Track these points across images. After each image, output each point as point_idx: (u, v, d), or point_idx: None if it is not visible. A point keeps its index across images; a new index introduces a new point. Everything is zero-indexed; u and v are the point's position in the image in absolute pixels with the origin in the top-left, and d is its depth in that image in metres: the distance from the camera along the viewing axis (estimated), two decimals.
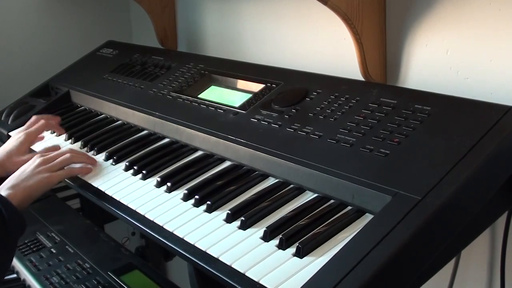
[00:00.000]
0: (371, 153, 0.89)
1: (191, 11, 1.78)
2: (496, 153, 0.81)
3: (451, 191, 0.76)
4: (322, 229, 0.82)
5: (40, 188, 1.13)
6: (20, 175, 1.14)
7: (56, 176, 1.16)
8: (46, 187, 1.15)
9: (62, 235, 1.42)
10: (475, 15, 1.02)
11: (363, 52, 1.13)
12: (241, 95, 1.22)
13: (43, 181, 1.14)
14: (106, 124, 1.42)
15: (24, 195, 1.10)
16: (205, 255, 0.85)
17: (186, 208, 0.97)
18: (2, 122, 1.60)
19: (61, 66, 1.80)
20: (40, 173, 1.14)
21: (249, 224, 0.88)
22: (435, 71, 1.11)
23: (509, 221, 1.00)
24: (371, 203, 0.83)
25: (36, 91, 1.72)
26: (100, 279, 1.21)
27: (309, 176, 0.93)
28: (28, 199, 1.11)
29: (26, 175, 1.14)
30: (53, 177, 1.15)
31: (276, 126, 1.06)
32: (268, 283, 0.75)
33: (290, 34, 1.43)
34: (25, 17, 1.91)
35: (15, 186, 1.11)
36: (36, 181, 1.13)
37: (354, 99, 1.03)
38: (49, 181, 1.15)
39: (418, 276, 0.74)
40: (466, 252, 1.08)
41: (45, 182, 1.14)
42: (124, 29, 2.12)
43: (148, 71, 1.53)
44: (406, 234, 0.73)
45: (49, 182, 1.15)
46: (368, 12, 1.11)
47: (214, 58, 1.54)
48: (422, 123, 0.91)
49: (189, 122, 1.20)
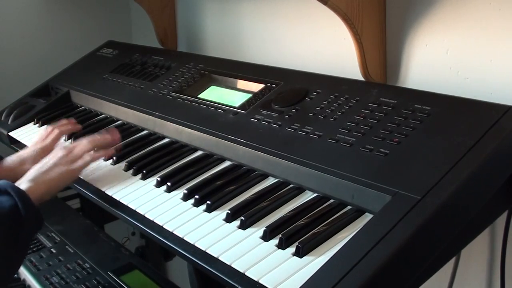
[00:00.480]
0: (371, 153, 0.89)
1: (191, 11, 1.78)
2: (496, 153, 0.81)
3: (451, 191, 0.76)
4: (321, 228, 0.82)
5: (62, 181, 1.11)
6: (41, 167, 1.11)
7: (78, 168, 1.13)
8: (69, 180, 1.13)
9: (62, 235, 1.42)
10: (475, 15, 1.02)
11: (363, 52, 1.13)
12: (241, 95, 1.22)
13: (64, 173, 1.11)
14: (106, 124, 1.42)
15: (45, 189, 1.07)
16: (205, 254, 0.85)
17: (186, 208, 0.97)
18: (2, 122, 1.60)
19: (61, 66, 1.80)
20: (62, 165, 1.12)
21: (249, 224, 0.88)
22: (435, 71, 1.11)
23: (509, 221, 1.00)
24: (370, 202, 0.83)
25: (36, 91, 1.72)
26: (100, 279, 1.21)
27: (308, 176, 0.93)
28: (49, 193, 1.08)
29: (47, 167, 1.11)
30: (75, 169, 1.13)
31: (276, 126, 1.06)
32: (267, 283, 0.75)
33: (290, 34, 1.43)
34: (25, 17, 1.91)
35: (36, 179, 1.08)
36: (58, 173, 1.10)
37: (354, 99, 1.03)
38: (71, 174, 1.12)
39: (417, 275, 0.74)
40: (466, 252, 1.08)
41: (67, 174, 1.12)
42: (124, 29, 2.12)
43: (148, 71, 1.53)
44: (405, 233, 0.73)
45: (71, 174, 1.13)
46: (368, 12, 1.11)
47: (214, 58, 1.54)
48: (422, 123, 0.91)
49: (189, 122, 1.20)
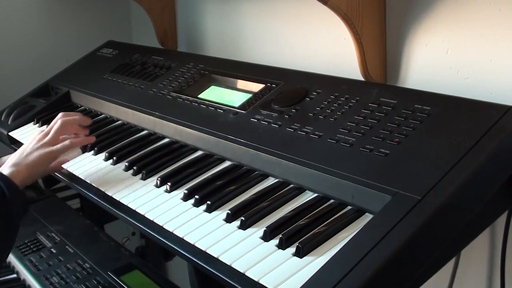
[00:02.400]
0: (371, 153, 0.89)
1: (191, 11, 1.78)
2: (496, 153, 0.81)
3: (451, 191, 0.76)
4: (322, 228, 0.82)
5: (43, 164, 1.14)
6: (21, 152, 1.14)
7: (57, 150, 1.16)
8: (48, 161, 1.15)
9: (62, 235, 1.42)
10: (475, 15, 1.02)
11: (363, 52, 1.13)
12: (241, 95, 1.22)
13: (44, 155, 1.14)
14: (106, 124, 1.42)
15: (27, 172, 1.10)
16: (205, 255, 0.85)
17: (186, 208, 0.97)
18: (2, 122, 1.60)
19: (61, 66, 1.80)
20: (41, 148, 1.15)
21: (249, 224, 0.88)
22: (435, 71, 1.11)
23: (509, 221, 1.00)
24: (371, 203, 0.83)
25: (36, 91, 1.72)
26: (100, 279, 1.21)
27: (309, 176, 0.93)
28: (32, 176, 1.11)
29: (27, 152, 1.14)
30: (54, 151, 1.16)
31: (276, 126, 1.06)
32: (268, 283, 0.75)
33: (290, 34, 1.43)
34: (25, 17, 1.91)
35: (17, 164, 1.11)
36: (37, 156, 1.13)
37: (354, 99, 1.03)
38: (50, 155, 1.15)
39: (417, 275, 0.74)
40: (466, 252, 1.08)
41: (47, 156, 1.14)
42: (124, 29, 2.12)
43: (148, 71, 1.53)
44: (406, 234, 0.73)
45: (51, 156, 1.15)
46: (368, 12, 1.11)
47: (214, 58, 1.53)
48: (422, 123, 0.91)
49: (189, 122, 1.20)
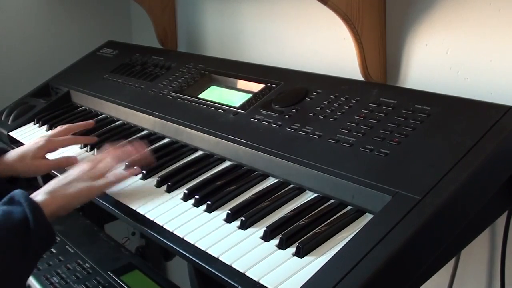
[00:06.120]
0: (371, 153, 0.89)
1: (191, 11, 1.78)
2: (496, 153, 0.81)
3: (451, 191, 0.76)
4: (322, 229, 0.82)
5: (80, 198, 1.02)
6: (62, 179, 1.03)
7: (99, 186, 1.04)
8: (87, 197, 1.03)
9: (62, 235, 1.41)
10: (475, 15, 1.02)
11: (363, 52, 1.13)
12: (241, 95, 1.22)
13: (84, 190, 1.02)
14: (106, 124, 1.42)
15: (61, 203, 0.98)
16: (205, 255, 0.85)
17: (186, 208, 0.97)
18: (2, 122, 1.60)
19: (61, 66, 1.79)
20: (84, 181, 1.03)
21: (249, 224, 0.88)
22: (435, 71, 1.11)
23: (509, 221, 1.00)
24: (371, 203, 0.83)
25: (36, 91, 1.71)
26: (100, 279, 1.21)
27: (309, 176, 0.93)
28: (66, 208, 0.99)
29: (68, 180, 1.02)
30: (95, 187, 1.04)
31: (276, 126, 1.06)
32: (268, 283, 0.75)
33: (290, 34, 1.43)
34: (25, 17, 1.91)
35: (54, 191, 0.99)
36: (78, 189, 1.01)
37: (354, 99, 1.03)
38: (91, 191, 1.03)
39: (417, 275, 0.74)
40: (466, 252, 1.08)
41: (87, 191, 1.02)
42: (124, 29, 2.12)
43: (148, 71, 1.53)
44: (406, 234, 0.73)
45: (91, 192, 1.03)
46: (368, 12, 1.11)
47: (214, 58, 1.53)
48: (422, 123, 0.91)
49: (189, 122, 1.20)
